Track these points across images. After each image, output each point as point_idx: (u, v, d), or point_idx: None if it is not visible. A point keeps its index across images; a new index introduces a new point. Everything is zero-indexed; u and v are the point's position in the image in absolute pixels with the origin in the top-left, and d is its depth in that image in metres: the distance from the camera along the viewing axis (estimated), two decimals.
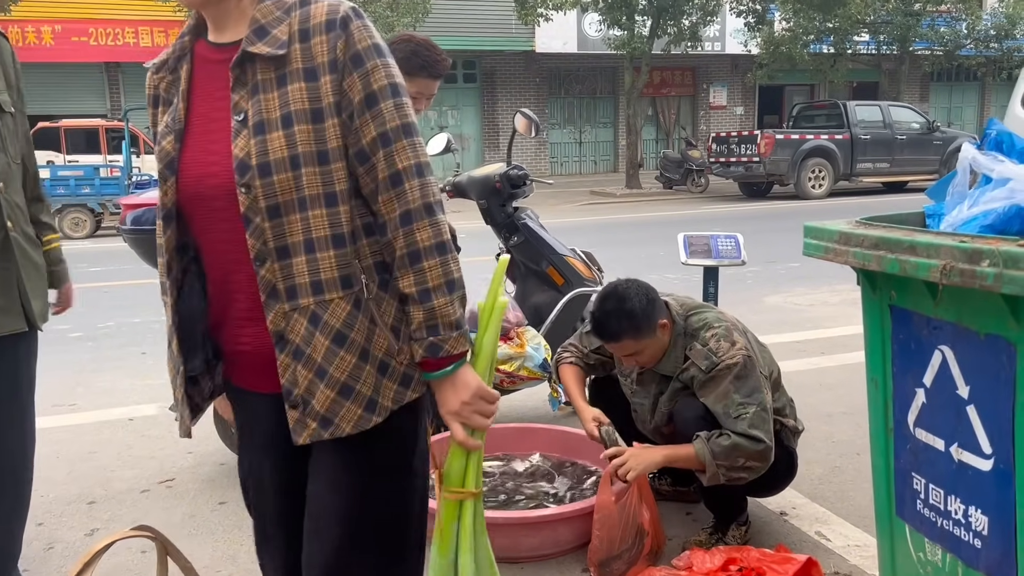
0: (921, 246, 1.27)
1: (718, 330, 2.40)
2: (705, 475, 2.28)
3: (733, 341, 2.37)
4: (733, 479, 2.27)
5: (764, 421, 2.27)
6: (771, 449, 2.27)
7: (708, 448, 2.24)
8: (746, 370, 2.31)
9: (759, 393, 2.30)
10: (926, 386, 1.41)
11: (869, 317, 1.54)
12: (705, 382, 2.35)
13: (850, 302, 6.18)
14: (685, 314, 2.49)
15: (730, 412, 2.28)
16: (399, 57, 3.01)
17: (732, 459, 2.23)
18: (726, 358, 2.32)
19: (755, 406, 2.27)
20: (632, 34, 16.56)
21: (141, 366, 4.88)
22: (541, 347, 3.36)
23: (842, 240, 1.48)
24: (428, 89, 3.04)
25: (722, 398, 2.30)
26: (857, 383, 4.11)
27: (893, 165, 15.96)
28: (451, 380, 1.28)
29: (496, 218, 3.54)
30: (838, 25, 18.40)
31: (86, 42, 16.63)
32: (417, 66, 2.98)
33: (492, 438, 3.11)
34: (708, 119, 23.65)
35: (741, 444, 2.23)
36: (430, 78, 3.01)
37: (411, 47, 2.98)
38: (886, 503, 1.58)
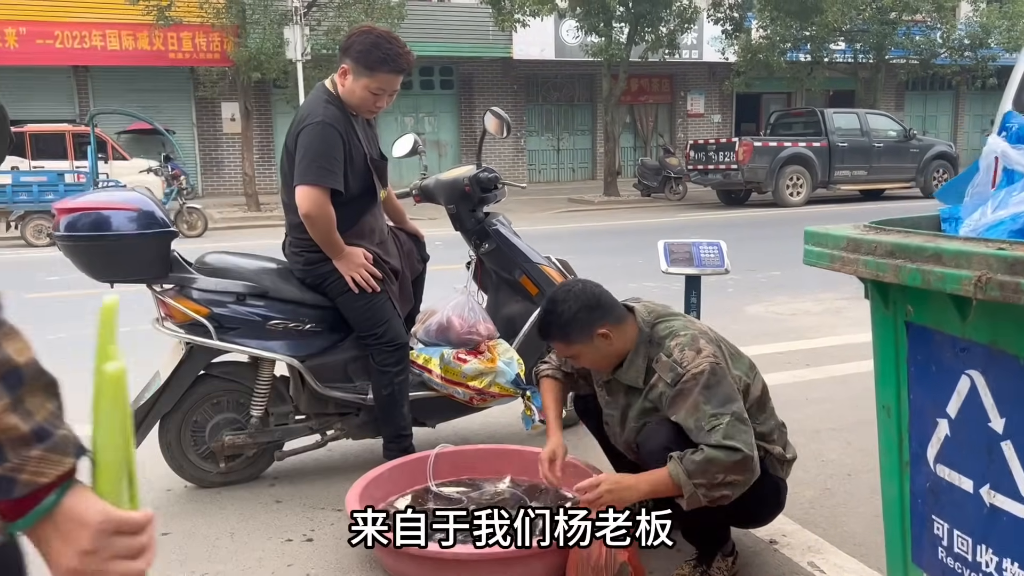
0: (948, 254, 1.08)
1: (683, 339, 2.20)
2: (684, 499, 2.06)
3: (699, 349, 2.17)
4: (715, 499, 2.05)
5: (741, 432, 2.05)
6: (751, 459, 2.05)
7: (682, 467, 2.03)
8: (715, 378, 2.11)
9: (732, 403, 2.09)
10: (950, 416, 1.22)
11: (881, 335, 1.35)
12: (673, 397, 2.14)
13: (832, 311, 6.03)
14: (652, 321, 2.30)
15: (702, 425, 2.07)
16: (358, 50, 2.79)
17: (709, 475, 2.01)
18: (691, 367, 2.12)
19: (728, 416, 2.06)
20: (610, 40, 16.43)
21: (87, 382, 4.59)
22: (514, 361, 3.15)
23: (850, 247, 1.28)
24: (390, 85, 2.84)
25: (693, 412, 2.09)
26: (845, 397, 3.97)
27: (870, 173, 15.96)
28: (52, 524, 0.79)
29: (466, 224, 3.33)
30: (815, 33, 18.39)
31: (52, 44, 16.22)
32: (378, 60, 2.77)
33: (458, 461, 2.90)
34: (686, 127, 23.60)
35: (716, 457, 2.01)
36: (392, 73, 2.80)
37: (371, 39, 2.77)
38: (899, 546, 1.38)
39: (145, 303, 3.01)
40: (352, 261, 2.87)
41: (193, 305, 2.87)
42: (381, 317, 2.92)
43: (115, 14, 16.31)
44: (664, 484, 2.06)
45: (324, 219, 2.75)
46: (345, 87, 2.82)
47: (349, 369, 3.08)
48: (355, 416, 3.13)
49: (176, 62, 17.07)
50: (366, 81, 2.78)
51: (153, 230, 2.75)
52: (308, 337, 2.99)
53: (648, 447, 2.16)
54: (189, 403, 2.99)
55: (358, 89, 2.80)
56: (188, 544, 2.64)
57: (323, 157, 2.73)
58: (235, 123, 18.37)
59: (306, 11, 15.74)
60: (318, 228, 2.77)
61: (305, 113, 2.83)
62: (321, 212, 2.74)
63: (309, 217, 2.74)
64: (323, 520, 2.79)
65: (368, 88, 2.79)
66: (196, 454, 3.03)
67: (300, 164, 2.74)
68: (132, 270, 2.81)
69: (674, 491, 2.06)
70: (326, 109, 2.79)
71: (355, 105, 2.84)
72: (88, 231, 2.70)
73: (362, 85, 2.79)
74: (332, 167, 2.74)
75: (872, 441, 3.32)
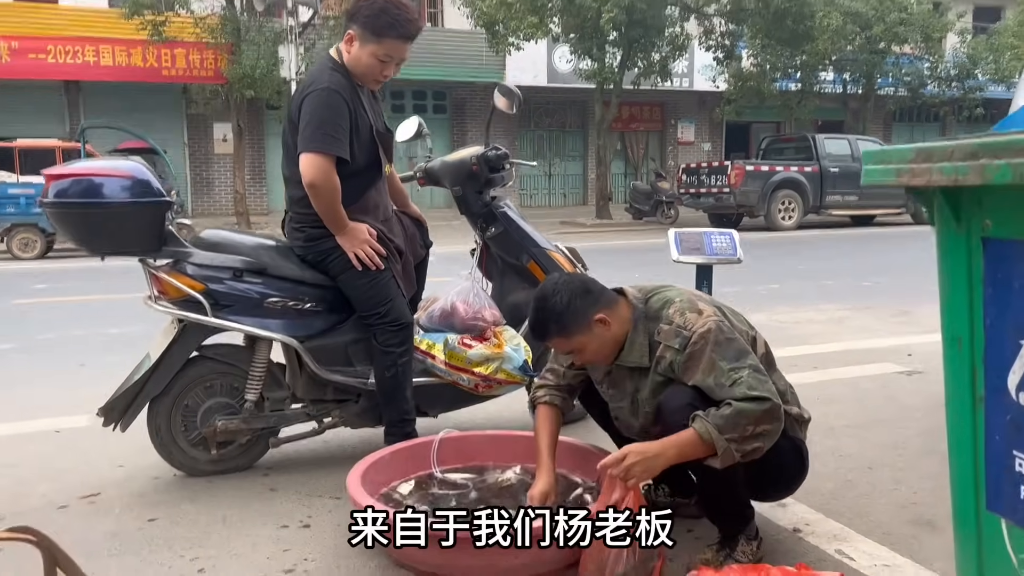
0: None
1: (681, 304, 2.14)
2: (717, 458, 1.95)
3: (699, 310, 2.11)
4: (748, 453, 1.95)
5: (762, 381, 1.98)
6: (779, 407, 1.98)
7: (710, 424, 1.93)
8: (723, 334, 2.05)
9: (746, 355, 2.03)
10: None
11: (951, 259, 1.24)
12: (685, 362, 2.06)
13: (835, 320, 5.94)
14: (644, 297, 2.23)
15: (723, 382, 1.99)
16: (365, 15, 2.69)
17: (740, 428, 1.92)
18: (697, 328, 2.06)
19: (747, 368, 1.99)
20: (603, 64, 16.51)
21: (76, 378, 4.44)
22: (521, 347, 3.02)
23: (921, 157, 1.18)
24: (398, 52, 2.74)
25: (709, 370, 2.01)
26: (855, 398, 3.86)
27: (861, 198, 16.00)
28: None
29: (472, 207, 3.21)
30: (805, 61, 18.57)
31: (44, 59, 16.13)
32: (385, 24, 2.67)
33: (464, 447, 2.76)
34: (676, 154, 23.71)
35: (744, 408, 1.93)
36: (400, 39, 2.70)
37: (379, 4, 2.67)
38: (971, 495, 1.26)
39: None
40: (356, 237, 2.75)
41: (188, 280, 2.74)
42: (385, 296, 2.80)
43: (109, 30, 16.28)
44: (692, 444, 1.95)
45: (329, 189, 2.64)
46: (351, 54, 2.72)
47: (350, 352, 2.94)
48: (354, 403, 2.99)
49: (169, 79, 17.00)
50: (373, 47, 2.68)
51: (148, 199, 2.62)
52: (308, 317, 2.86)
53: (670, 406, 2.05)
54: (180, 386, 2.84)
55: (364, 56, 2.69)
56: (176, 529, 2.48)
57: (328, 124, 2.62)
58: (227, 143, 18.32)
59: (301, 30, 15.78)
60: (322, 199, 2.65)
61: (309, 80, 2.73)
62: (326, 181, 2.62)
63: (313, 186, 2.63)
64: (320, 507, 2.64)
65: (375, 55, 2.69)
66: (186, 440, 2.88)
67: (304, 131, 2.63)
68: (124, 241, 2.67)
69: (704, 451, 1.95)
70: (331, 76, 2.69)
71: (361, 73, 2.74)
72: (78, 198, 2.56)
73: (369, 52, 2.69)
74: (338, 134, 2.63)
75: (890, 437, 3.24)
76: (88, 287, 8.38)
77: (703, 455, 1.97)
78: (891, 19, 18.11)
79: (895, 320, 5.90)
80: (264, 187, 19.41)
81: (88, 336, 5.68)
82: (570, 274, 2.25)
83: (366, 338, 2.92)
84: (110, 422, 2.81)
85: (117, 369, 2.84)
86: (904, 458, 3.05)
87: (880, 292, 7.36)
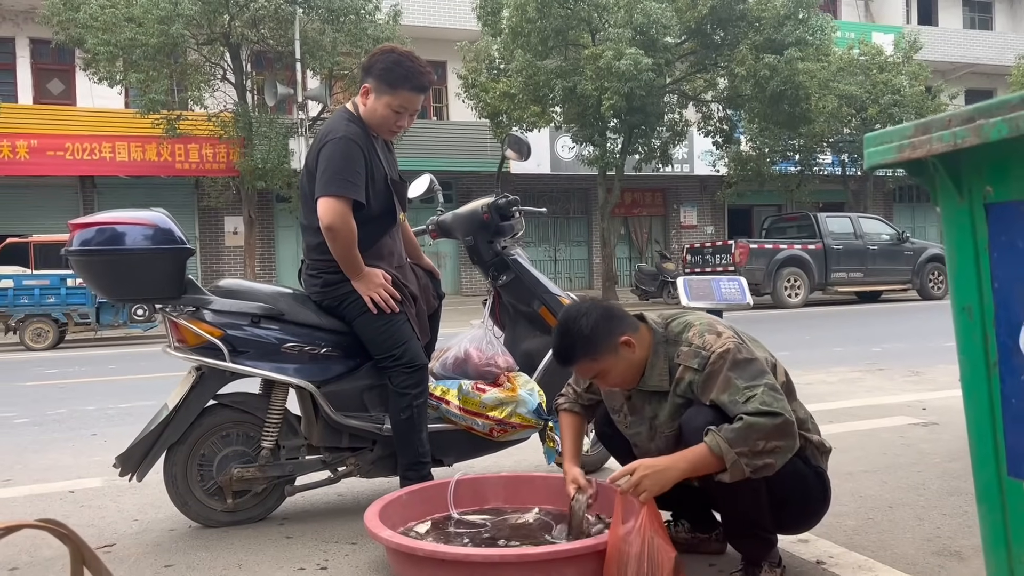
0: None
1: (700, 327, 2.19)
2: (727, 473, 1.94)
3: (719, 332, 2.15)
4: (759, 468, 1.94)
5: (776, 399, 1.99)
6: (792, 423, 1.98)
7: (721, 438, 1.94)
8: (741, 354, 2.08)
9: (763, 375, 2.05)
10: None
11: (956, 230, 1.28)
12: (704, 381, 2.09)
13: (847, 381, 5.92)
14: (665, 322, 2.27)
15: (737, 399, 2.00)
16: (380, 68, 2.83)
17: (751, 442, 1.92)
18: (716, 348, 2.10)
19: (762, 386, 2.01)
20: (604, 150, 16.92)
21: (88, 446, 4.43)
22: (535, 392, 3.03)
23: (920, 131, 1.24)
24: (412, 104, 2.86)
25: (725, 388, 2.04)
26: (874, 446, 3.84)
27: (866, 275, 16.10)
28: None
29: (484, 255, 3.28)
30: (803, 144, 19.01)
31: (62, 156, 16.63)
32: (400, 77, 2.80)
33: (480, 489, 2.74)
34: (679, 237, 23.99)
35: (756, 423, 1.93)
36: (414, 91, 2.83)
37: (393, 57, 2.81)
38: (992, 465, 1.27)
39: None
40: (371, 281, 2.81)
41: (207, 327, 2.78)
42: (400, 338, 2.83)
43: (124, 127, 16.81)
44: (703, 459, 1.96)
45: (346, 232, 2.71)
46: (367, 106, 2.84)
47: (365, 398, 2.95)
48: (369, 451, 2.98)
49: (183, 172, 17.46)
50: (388, 99, 2.80)
51: (169, 246, 2.70)
52: (324, 362, 2.89)
53: (691, 426, 2.05)
54: (196, 434, 2.85)
55: (380, 107, 2.81)
56: (192, 574, 2.45)
57: (345, 170, 2.72)
58: (238, 236, 18.66)
59: (311, 124, 16.29)
60: (339, 242, 2.72)
61: (326, 130, 2.84)
62: (343, 224, 2.70)
63: (331, 229, 2.70)
64: (337, 552, 2.61)
65: (390, 106, 2.80)
66: (202, 490, 2.86)
67: (322, 177, 2.73)
68: (146, 288, 2.73)
69: (715, 465, 1.96)
70: (348, 126, 2.80)
71: (376, 124, 2.85)
72: (102, 246, 2.64)
73: (384, 103, 2.80)
74: (355, 179, 2.72)
75: (910, 480, 3.21)
76: (99, 371, 8.42)
77: (714, 469, 1.97)
78: (884, 101, 18.64)
79: (907, 380, 5.88)
80: (275, 277, 19.63)
81: (100, 410, 5.69)
82: (592, 299, 2.29)
83: (381, 384, 2.94)
84: (127, 471, 2.80)
85: (129, 438, 2.84)
86: (926, 498, 3.01)
87: (890, 356, 7.34)
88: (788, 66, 15.57)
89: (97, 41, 14.37)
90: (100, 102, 17.53)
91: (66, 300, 12.58)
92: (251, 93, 16.77)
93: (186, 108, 16.40)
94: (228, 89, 16.46)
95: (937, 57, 24.30)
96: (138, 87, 15.02)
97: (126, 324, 13.09)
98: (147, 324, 13.30)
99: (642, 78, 14.79)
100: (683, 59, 17.57)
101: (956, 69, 25.73)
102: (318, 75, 16.98)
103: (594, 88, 15.33)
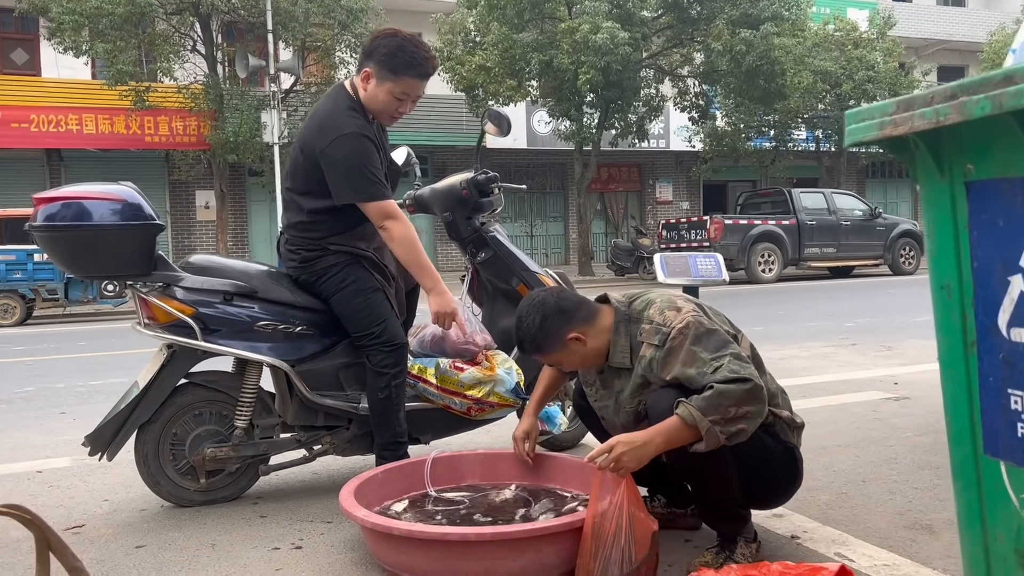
0: (1021, 72, 1.02)
1: (660, 303, 2.20)
2: (702, 442, 1.95)
3: (678, 308, 2.16)
4: (733, 435, 1.96)
5: (743, 366, 2.00)
6: (762, 388, 1.99)
7: (693, 408, 1.94)
8: (702, 327, 2.08)
9: (728, 346, 2.05)
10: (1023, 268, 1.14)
11: (936, 209, 1.27)
12: (664, 358, 2.09)
13: (821, 356, 5.97)
14: (628, 301, 2.28)
15: (704, 370, 2.01)
16: (383, 53, 2.69)
17: (723, 409, 1.93)
18: (676, 324, 2.10)
19: (727, 356, 2.01)
20: (581, 125, 16.85)
21: (57, 425, 4.37)
22: (513, 371, 3.01)
23: (902, 107, 1.23)
24: (414, 91, 2.77)
25: (690, 363, 2.04)
26: (847, 420, 3.87)
27: (839, 250, 16.25)
28: None
29: (462, 232, 3.24)
30: (778, 119, 19.06)
31: (27, 128, 16.25)
32: (403, 63, 2.70)
33: (458, 466, 2.73)
34: (655, 213, 24.04)
35: (726, 390, 1.94)
36: (417, 77, 2.73)
37: (397, 42, 2.70)
38: (968, 443, 1.27)
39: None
40: (449, 303, 2.81)
41: (178, 304, 2.73)
42: (379, 315, 2.80)
43: (92, 99, 16.45)
44: (677, 431, 1.97)
45: (402, 229, 2.70)
46: (367, 91, 2.73)
47: (341, 376, 2.92)
48: (345, 429, 2.96)
49: (152, 146, 17.13)
50: (390, 85, 2.70)
51: (139, 222, 2.63)
52: (298, 340, 2.85)
53: (658, 408, 2.05)
54: (168, 414, 2.81)
55: (381, 94, 2.71)
56: (165, 554, 2.42)
57: (374, 172, 2.67)
58: (209, 211, 18.41)
59: (283, 96, 16.04)
60: (399, 242, 2.70)
61: (332, 120, 2.70)
62: (398, 222, 2.70)
63: (387, 230, 2.70)
64: (312, 531, 2.59)
65: (392, 92, 2.71)
66: (175, 469, 2.83)
67: (349, 179, 2.66)
68: (114, 265, 2.67)
69: (689, 435, 1.97)
70: (353, 119, 2.69)
71: (377, 110, 2.76)
72: (68, 221, 2.56)
73: (386, 89, 2.71)
74: (382, 178, 2.70)
75: (882, 455, 3.24)
76: (68, 348, 8.30)
77: (689, 440, 1.97)
78: (859, 77, 18.71)
79: (879, 355, 5.95)
80: (247, 252, 19.42)
81: (69, 388, 5.60)
82: (546, 292, 2.25)
83: (358, 362, 2.91)
84: (96, 451, 2.76)
85: (99, 417, 2.79)
86: (898, 472, 3.05)
87: (863, 331, 7.42)
88: (764, 41, 15.57)
89: (62, 10, 14.00)
90: (66, 73, 17.11)
91: (33, 275, 12.36)
92: (222, 65, 16.45)
93: (155, 80, 16.04)
94: (198, 60, 16.14)
95: (911, 33, 24.40)
96: (105, 57, 14.66)
97: (96, 300, 12.91)
98: (118, 300, 13.12)
99: (619, 52, 14.72)
100: (660, 33, 17.50)
101: (929, 46, 25.87)
102: (290, 47, 16.69)
103: (571, 62, 15.23)
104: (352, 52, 16.14)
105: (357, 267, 2.82)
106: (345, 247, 2.81)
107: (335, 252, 2.80)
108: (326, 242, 2.80)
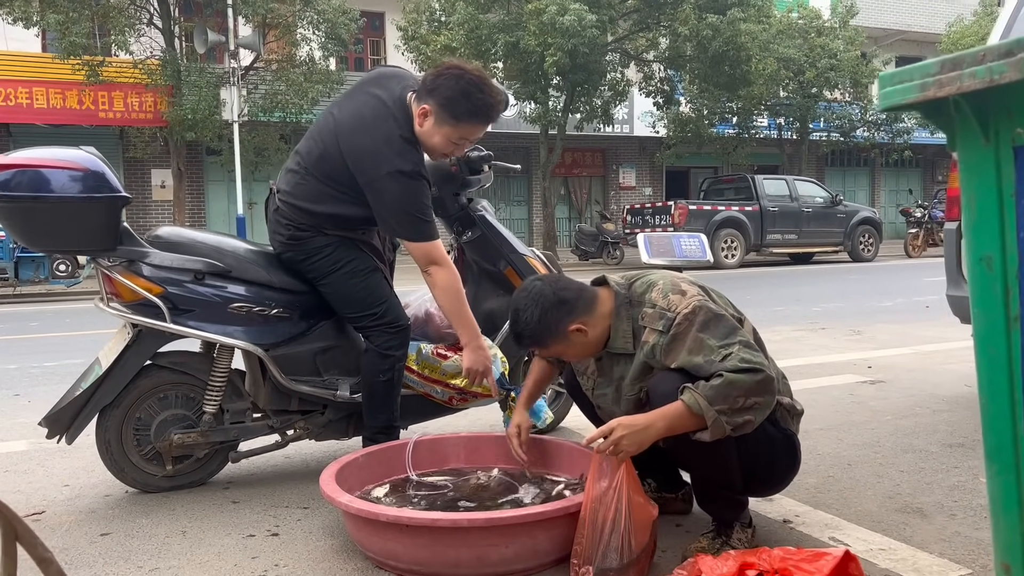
0: None
1: (663, 286, 2.09)
2: (707, 431, 1.87)
3: (683, 291, 2.05)
4: (739, 425, 1.88)
5: (755, 355, 1.91)
6: (772, 379, 1.91)
7: (699, 395, 1.86)
8: (710, 313, 1.98)
9: (736, 332, 1.96)
10: None
11: (978, 176, 1.20)
12: (669, 344, 1.99)
13: (792, 339, 5.99)
14: (628, 283, 2.17)
15: (712, 358, 1.91)
16: (445, 96, 2.46)
17: (730, 399, 1.85)
18: (681, 309, 2.00)
19: (737, 344, 1.92)
20: (546, 108, 16.73)
21: (11, 407, 4.17)
22: (498, 359, 2.88)
23: (949, 67, 1.15)
24: (473, 135, 2.58)
25: (696, 350, 1.94)
26: (825, 403, 3.85)
27: (800, 236, 16.41)
28: None
29: (449, 209, 3.11)
30: (742, 106, 19.15)
31: None
32: (466, 112, 2.49)
33: (440, 450, 2.63)
34: (619, 198, 24.05)
35: (737, 380, 1.85)
36: (480, 124, 2.54)
37: (461, 86, 2.47)
38: (1008, 422, 1.21)
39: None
40: (485, 359, 2.65)
41: (144, 283, 2.57)
42: (380, 296, 2.66)
43: (42, 72, 15.88)
44: (681, 417, 1.88)
45: (448, 275, 2.57)
46: (424, 129, 2.53)
47: (319, 361, 2.78)
48: (320, 414, 2.83)
49: (106, 122, 16.59)
50: (448, 131, 2.51)
51: (102, 194, 2.46)
52: (274, 323, 2.70)
53: (660, 390, 1.96)
54: (132, 397, 2.66)
55: (438, 136, 2.52)
56: (132, 542, 2.29)
57: (422, 211, 2.53)
58: (165, 190, 17.95)
59: (243, 73, 15.65)
60: (443, 288, 2.57)
61: (385, 144, 2.49)
62: (448, 269, 2.57)
63: (432, 274, 2.56)
64: (288, 517, 2.48)
65: (449, 137, 2.53)
66: (139, 455, 2.69)
67: (399, 217, 2.52)
68: (75, 239, 2.49)
69: (693, 423, 1.88)
70: (412, 155, 2.51)
71: (429, 149, 2.58)
72: (24, 191, 2.38)
73: (444, 133, 2.52)
74: (431, 217, 2.58)
75: (864, 438, 3.21)
76: (20, 328, 8.01)
77: (693, 428, 1.90)
78: (822, 65, 18.87)
79: (849, 339, 5.98)
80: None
81: (22, 369, 5.38)
82: (543, 282, 2.14)
83: (337, 346, 2.79)
84: (55, 434, 2.60)
85: (56, 399, 2.63)
86: (882, 455, 3.02)
87: (830, 316, 7.47)
88: (731, 27, 15.58)
89: None
90: (15, 45, 16.46)
91: None
92: (180, 39, 15.97)
93: (109, 53, 15.52)
94: (155, 35, 15.65)
95: (872, 23, 24.66)
96: (57, 29, 14.11)
97: (48, 280, 12.52)
98: (71, 280, 12.74)
99: (586, 35, 14.62)
100: (626, 17, 17.42)
101: (888, 36, 26.17)
102: (251, 22, 16.26)
103: (537, 44, 15.08)
104: (315, 29, 15.80)
105: (352, 247, 2.67)
106: (340, 232, 2.67)
107: (329, 234, 2.65)
108: (322, 227, 2.65)
